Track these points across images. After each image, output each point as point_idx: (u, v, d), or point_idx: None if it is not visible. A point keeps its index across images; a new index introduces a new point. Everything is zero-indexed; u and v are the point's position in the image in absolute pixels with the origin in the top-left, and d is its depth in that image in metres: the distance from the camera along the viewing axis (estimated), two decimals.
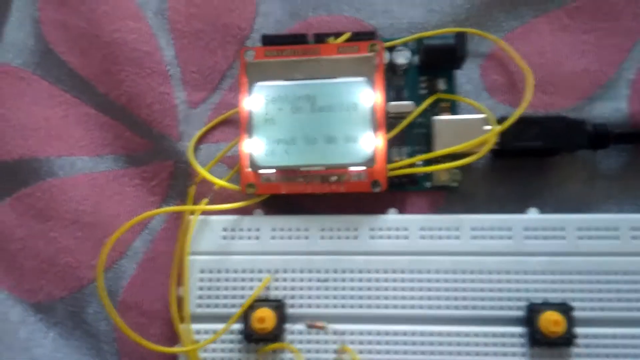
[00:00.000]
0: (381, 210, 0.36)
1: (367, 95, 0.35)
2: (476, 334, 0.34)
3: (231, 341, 0.35)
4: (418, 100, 0.38)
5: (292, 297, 0.35)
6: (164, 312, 0.38)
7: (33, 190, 0.40)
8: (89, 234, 0.39)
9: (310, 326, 0.34)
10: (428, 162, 0.37)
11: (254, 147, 0.36)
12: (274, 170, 0.36)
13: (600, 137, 0.36)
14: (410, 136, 0.38)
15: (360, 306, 0.35)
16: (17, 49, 0.43)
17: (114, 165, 0.41)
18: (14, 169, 0.41)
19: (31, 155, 0.41)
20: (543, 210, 0.35)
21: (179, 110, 0.40)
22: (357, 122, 0.35)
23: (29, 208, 0.40)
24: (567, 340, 0.33)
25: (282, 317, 0.35)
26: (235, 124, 0.40)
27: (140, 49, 0.41)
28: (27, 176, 0.41)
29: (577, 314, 0.33)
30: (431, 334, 0.34)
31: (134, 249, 0.39)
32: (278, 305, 0.35)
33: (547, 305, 0.34)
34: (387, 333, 0.34)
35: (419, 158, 0.37)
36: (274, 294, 0.35)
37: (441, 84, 0.38)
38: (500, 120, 0.36)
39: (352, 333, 0.34)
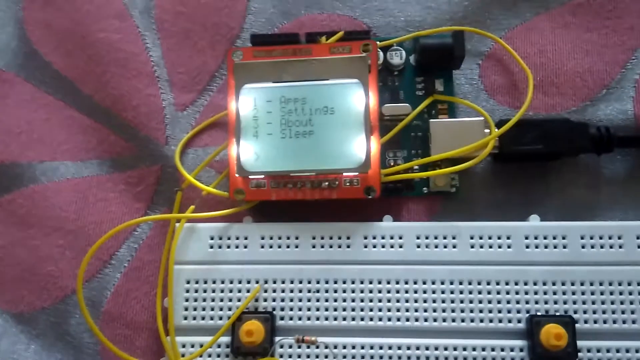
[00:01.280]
0: (375, 217, 0.35)
1: (360, 98, 0.34)
2: (474, 348, 0.32)
3: (218, 355, 0.34)
4: (414, 102, 0.37)
5: (282, 308, 0.34)
6: (150, 323, 0.37)
7: (14, 196, 0.39)
8: (71, 242, 0.38)
9: (299, 341, 0.32)
10: (424, 167, 0.36)
11: (243, 152, 0.35)
12: (263, 176, 0.35)
13: (604, 140, 0.34)
14: (406, 140, 0.37)
15: (354, 318, 0.33)
16: (0, 49, 0.42)
17: (98, 170, 0.39)
18: None
19: (12, 161, 0.39)
20: (545, 217, 0.34)
21: (165, 112, 0.39)
22: (350, 125, 0.34)
23: (10, 215, 0.39)
24: (569, 354, 0.31)
25: (272, 330, 0.33)
26: (224, 127, 0.38)
27: (125, 49, 0.40)
28: (8, 182, 0.39)
29: (580, 326, 0.32)
30: (427, 347, 0.33)
31: (118, 258, 0.38)
32: (267, 318, 0.33)
33: (549, 317, 0.32)
34: (381, 346, 0.33)
35: (415, 163, 0.35)
36: (263, 305, 0.34)
37: (438, 85, 0.37)
38: (499, 123, 0.35)
39: (344, 346, 0.33)
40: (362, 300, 0.33)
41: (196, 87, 0.40)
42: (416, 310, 0.33)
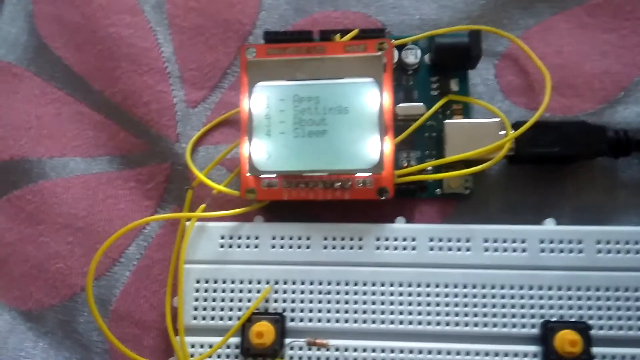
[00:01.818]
0: (388, 218, 0.34)
1: (374, 97, 0.34)
2: (487, 353, 0.32)
3: (228, 356, 0.33)
4: (429, 102, 0.36)
5: (293, 310, 0.33)
6: (159, 322, 0.36)
7: (24, 192, 0.39)
8: (81, 239, 0.38)
9: (311, 344, 0.32)
10: (438, 169, 0.35)
11: (255, 151, 0.34)
12: (275, 176, 0.34)
13: (622, 143, 0.34)
14: (420, 140, 0.36)
15: (365, 321, 0.33)
16: (10, 44, 0.41)
17: (108, 167, 0.39)
18: (4, 170, 0.39)
19: (22, 156, 0.39)
20: (560, 221, 0.34)
21: (176, 109, 0.39)
22: (363, 125, 0.34)
23: (19, 211, 0.39)
24: None
25: (282, 332, 0.33)
26: (236, 125, 0.38)
27: (137, 44, 0.39)
28: (17, 178, 0.39)
29: (595, 332, 0.32)
30: (440, 351, 0.32)
31: (127, 256, 0.37)
32: (277, 319, 0.33)
33: (564, 323, 0.32)
34: (392, 350, 0.32)
35: (428, 164, 0.35)
36: (273, 306, 0.33)
37: (453, 85, 0.37)
38: (515, 125, 0.34)
39: (355, 349, 0.32)
40: (373, 303, 0.33)
41: (207, 83, 0.39)
42: (428, 314, 0.33)
